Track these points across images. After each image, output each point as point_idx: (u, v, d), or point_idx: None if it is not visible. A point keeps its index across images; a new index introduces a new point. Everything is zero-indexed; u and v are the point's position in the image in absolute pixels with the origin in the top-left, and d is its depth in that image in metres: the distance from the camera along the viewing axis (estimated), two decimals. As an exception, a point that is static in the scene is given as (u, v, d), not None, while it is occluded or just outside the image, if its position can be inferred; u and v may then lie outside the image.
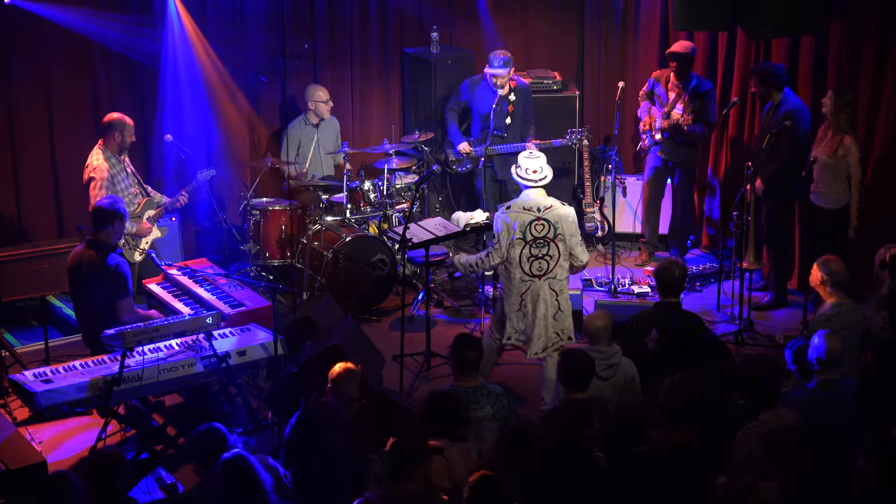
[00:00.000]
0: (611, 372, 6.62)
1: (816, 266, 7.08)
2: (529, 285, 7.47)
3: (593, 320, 6.78)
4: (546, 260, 7.45)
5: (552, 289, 7.50)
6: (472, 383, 6.21)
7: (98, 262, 7.24)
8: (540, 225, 7.42)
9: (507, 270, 7.52)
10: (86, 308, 7.39)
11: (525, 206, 7.47)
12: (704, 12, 8.78)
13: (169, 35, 9.66)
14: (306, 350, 7.26)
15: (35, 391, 6.45)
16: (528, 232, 7.41)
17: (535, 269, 7.45)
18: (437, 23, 10.92)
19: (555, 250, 7.45)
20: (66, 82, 9.48)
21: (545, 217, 7.44)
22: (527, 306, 7.49)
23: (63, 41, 9.38)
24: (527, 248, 7.42)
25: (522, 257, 7.42)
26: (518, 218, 7.43)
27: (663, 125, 9.79)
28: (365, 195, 9.74)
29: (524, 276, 7.45)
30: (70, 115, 9.51)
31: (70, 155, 9.32)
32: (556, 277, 7.50)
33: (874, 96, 8.84)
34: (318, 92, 10.07)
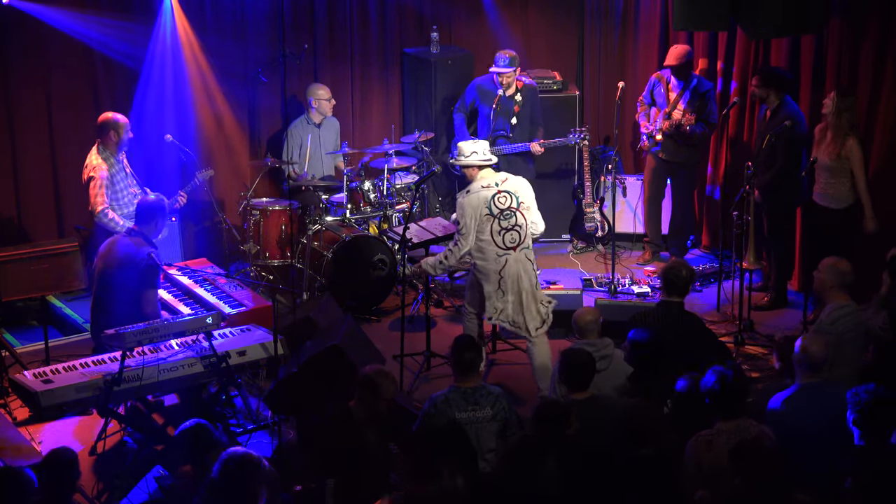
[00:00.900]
0: (605, 363, 6.65)
1: (824, 270, 7.03)
2: (506, 259, 7.58)
3: (583, 315, 6.87)
4: (517, 230, 7.60)
5: (528, 258, 7.67)
6: (472, 384, 6.21)
7: (134, 251, 7.35)
8: (502, 197, 7.62)
9: (482, 251, 7.61)
10: (106, 297, 7.43)
11: (483, 185, 7.65)
12: (704, 12, 8.77)
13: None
14: (306, 350, 7.26)
15: (35, 391, 6.45)
16: (493, 205, 7.57)
17: (509, 241, 7.58)
18: (437, 23, 10.93)
19: (521, 219, 7.63)
20: (67, 82, 9.48)
21: (504, 188, 7.64)
22: (506, 283, 7.59)
23: (63, 41, 9.38)
24: (496, 223, 7.57)
25: (493, 232, 7.57)
26: (480, 195, 7.60)
27: (664, 126, 9.79)
28: (365, 195, 9.74)
29: (499, 251, 7.57)
30: (70, 115, 9.51)
31: (70, 155, 9.32)
32: (528, 247, 7.68)
33: (874, 96, 8.84)
34: (319, 90, 10.07)
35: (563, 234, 10.83)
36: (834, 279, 6.95)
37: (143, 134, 9.60)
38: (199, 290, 8.13)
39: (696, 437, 5.54)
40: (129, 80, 9.77)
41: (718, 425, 5.57)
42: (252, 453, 5.09)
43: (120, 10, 9.60)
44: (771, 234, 9.18)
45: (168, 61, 9.74)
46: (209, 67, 10.01)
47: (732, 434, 5.48)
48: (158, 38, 9.66)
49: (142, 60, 9.71)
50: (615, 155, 9.93)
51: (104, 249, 7.56)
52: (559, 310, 8.42)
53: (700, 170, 10.47)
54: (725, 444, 5.43)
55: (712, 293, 9.48)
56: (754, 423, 5.64)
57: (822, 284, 7.03)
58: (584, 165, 10.31)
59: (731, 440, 5.43)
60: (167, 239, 9.54)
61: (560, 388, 6.38)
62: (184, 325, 6.91)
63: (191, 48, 9.83)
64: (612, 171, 9.90)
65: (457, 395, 6.14)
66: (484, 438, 6.10)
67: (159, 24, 9.64)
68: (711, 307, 9.33)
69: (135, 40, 9.65)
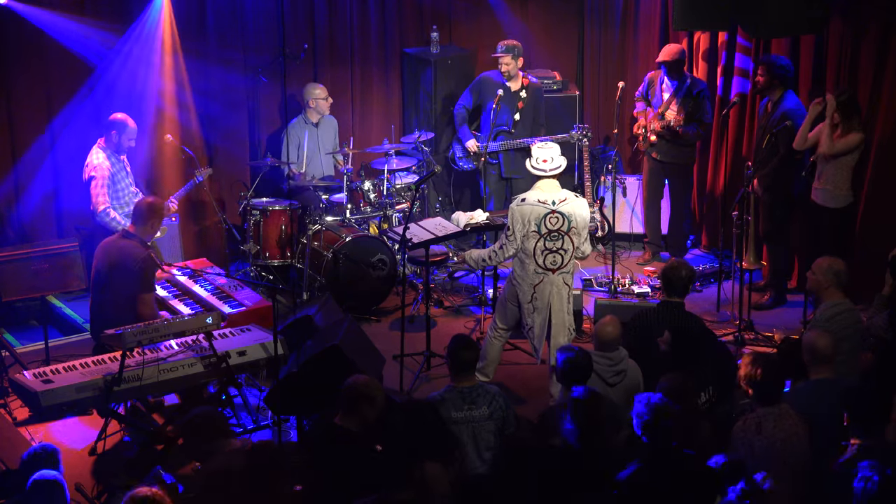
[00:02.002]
0: (619, 378, 6.60)
1: (819, 269, 7.05)
2: (543, 278, 7.48)
3: (605, 327, 6.70)
4: (560, 254, 7.45)
5: (565, 283, 7.55)
6: (469, 383, 6.21)
7: (127, 254, 7.32)
8: (555, 218, 7.42)
9: (521, 262, 7.53)
10: (103, 297, 7.42)
11: (540, 199, 7.45)
12: (704, 12, 8.79)
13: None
14: (306, 350, 7.26)
15: (35, 391, 6.45)
16: (542, 225, 7.41)
17: (549, 263, 7.46)
18: (436, 22, 10.93)
19: (569, 244, 7.46)
20: (66, 82, 9.47)
21: (560, 210, 7.44)
22: (538, 300, 7.51)
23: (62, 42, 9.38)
24: (541, 242, 7.42)
25: (537, 250, 7.43)
26: (533, 211, 7.42)
27: (657, 126, 9.80)
28: (365, 195, 9.73)
29: (538, 269, 7.47)
30: (70, 115, 9.50)
31: (70, 155, 9.30)
32: (569, 272, 7.56)
33: (874, 96, 8.84)
34: (316, 90, 10.07)
35: (563, 234, 10.82)
36: (829, 279, 6.96)
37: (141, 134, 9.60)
38: (199, 290, 8.12)
39: (743, 421, 5.62)
40: (130, 80, 9.76)
41: (760, 410, 5.66)
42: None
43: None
44: (769, 229, 9.16)
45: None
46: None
47: (777, 418, 5.59)
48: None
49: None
50: (615, 155, 9.93)
51: (99, 251, 7.55)
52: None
53: (699, 169, 10.48)
54: (773, 427, 5.56)
55: (712, 293, 9.48)
56: (789, 407, 5.73)
57: (818, 285, 7.05)
58: (584, 165, 10.30)
59: (778, 423, 5.57)
60: (167, 239, 9.55)
61: (556, 387, 6.41)
62: (184, 325, 6.91)
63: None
64: (612, 171, 9.91)
65: (453, 395, 6.15)
66: (481, 438, 6.10)
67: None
68: (711, 307, 9.33)
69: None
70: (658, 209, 10.33)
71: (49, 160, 9.48)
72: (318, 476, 5.78)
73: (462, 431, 6.09)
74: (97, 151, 8.58)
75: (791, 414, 5.68)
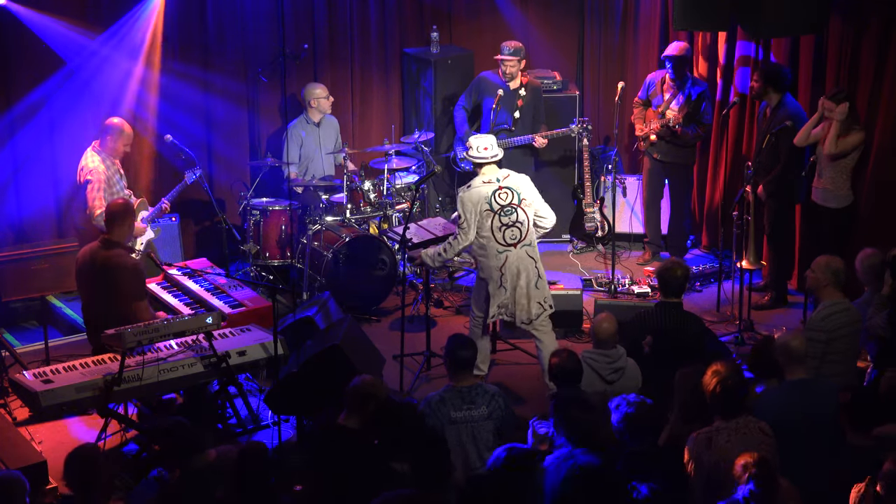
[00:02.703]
0: (616, 376, 6.62)
1: (818, 267, 7.06)
2: (506, 255, 7.58)
3: (601, 324, 6.75)
4: (518, 227, 7.58)
5: (530, 256, 7.64)
6: (468, 383, 6.22)
7: (116, 263, 7.26)
8: (503, 193, 7.60)
9: (484, 248, 7.61)
10: (94, 305, 7.39)
11: (484, 181, 7.64)
12: (704, 12, 8.79)
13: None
14: (306, 350, 7.26)
15: (35, 391, 6.45)
16: (493, 201, 7.56)
17: (509, 238, 7.58)
18: (436, 23, 10.92)
19: (523, 216, 7.61)
20: (66, 81, 9.45)
21: (505, 185, 7.62)
22: (505, 279, 7.59)
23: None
24: (496, 218, 7.56)
25: (494, 229, 7.56)
26: (480, 191, 7.58)
27: (656, 126, 9.80)
28: (365, 195, 9.73)
29: (500, 248, 7.57)
30: (70, 115, 9.49)
31: (70, 155, 9.29)
32: (531, 244, 7.66)
33: (874, 96, 8.83)
34: (316, 90, 10.06)
35: (563, 234, 10.83)
36: (828, 278, 6.98)
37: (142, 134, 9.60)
38: (199, 290, 8.12)
39: (696, 434, 5.56)
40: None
41: (717, 423, 5.59)
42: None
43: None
44: (772, 230, 9.17)
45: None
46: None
47: (733, 432, 5.51)
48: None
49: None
50: (615, 155, 9.93)
51: (85, 260, 7.40)
52: (559, 310, 8.43)
53: (699, 169, 10.48)
54: (726, 441, 5.46)
55: (712, 293, 9.48)
56: (754, 419, 5.65)
57: (817, 283, 7.07)
58: (584, 165, 10.31)
59: (732, 438, 5.46)
60: (167, 239, 9.56)
61: (551, 385, 6.43)
62: (184, 325, 6.91)
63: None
64: (612, 171, 9.90)
65: (452, 395, 6.15)
66: (480, 437, 6.10)
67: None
68: (711, 307, 9.33)
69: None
70: (658, 209, 10.33)
71: (49, 159, 9.45)
72: (319, 476, 5.79)
73: (461, 431, 6.09)
74: (92, 155, 8.57)
75: (750, 428, 5.58)
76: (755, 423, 5.62)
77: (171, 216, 9.65)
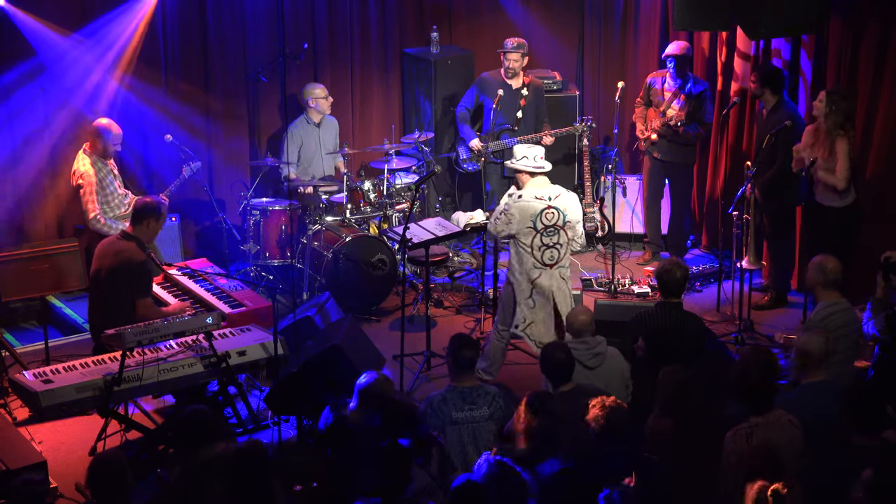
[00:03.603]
0: (597, 361, 6.67)
1: (811, 266, 7.08)
2: (540, 273, 7.59)
3: (577, 315, 6.92)
4: (557, 249, 7.59)
5: (562, 277, 7.67)
6: (470, 383, 6.22)
7: (125, 256, 7.31)
8: (550, 213, 7.57)
9: (520, 259, 7.61)
10: (102, 300, 7.41)
11: (536, 195, 7.59)
12: (704, 12, 8.79)
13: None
14: (306, 350, 7.26)
15: (35, 391, 6.45)
16: (538, 221, 7.53)
17: (547, 259, 7.59)
18: (437, 23, 10.93)
19: (564, 238, 7.62)
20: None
21: (555, 205, 7.59)
22: (538, 294, 7.62)
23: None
24: (538, 238, 7.53)
25: (534, 246, 7.54)
26: (529, 206, 7.55)
27: (657, 125, 9.80)
28: (365, 195, 9.73)
29: (536, 264, 7.57)
30: (69, 115, 9.49)
31: (70, 155, 9.29)
32: (565, 266, 7.68)
33: (873, 96, 8.83)
34: (315, 90, 10.06)
35: (563, 234, 10.83)
36: (818, 277, 6.98)
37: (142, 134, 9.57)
38: (199, 290, 8.12)
39: (734, 432, 5.58)
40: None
41: (753, 419, 5.61)
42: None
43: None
44: (771, 230, 9.17)
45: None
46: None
47: (770, 426, 5.55)
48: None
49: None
50: (615, 155, 9.93)
51: (98, 251, 7.53)
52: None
53: (699, 169, 10.48)
54: (764, 435, 5.51)
55: (712, 293, 9.48)
56: (783, 412, 5.68)
57: (809, 282, 7.11)
58: (584, 165, 10.31)
59: (768, 432, 5.51)
60: (167, 239, 9.55)
61: (546, 383, 6.44)
62: (184, 325, 6.91)
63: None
64: (612, 171, 9.90)
65: (454, 395, 6.15)
66: (481, 438, 6.10)
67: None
68: (711, 307, 9.33)
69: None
70: (658, 209, 10.33)
71: (49, 160, 9.43)
72: (330, 471, 5.83)
73: (462, 432, 6.09)
74: (82, 158, 8.57)
75: (784, 420, 5.62)
76: (785, 417, 5.65)
77: (171, 216, 9.63)
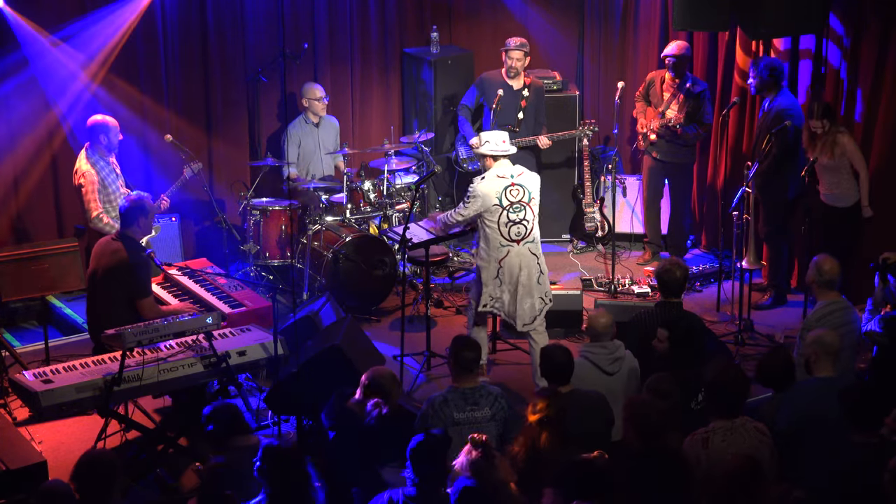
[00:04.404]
0: (616, 366, 6.66)
1: (811, 265, 7.10)
2: (508, 251, 7.67)
3: (597, 318, 6.80)
4: (524, 224, 7.67)
5: (532, 252, 7.73)
6: (471, 384, 6.21)
7: (121, 256, 7.31)
8: (515, 189, 7.68)
9: (486, 237, 7.70)
10: (99, 300, 7.41)
11: (498, 174, 7.72)
12: (704, 12, 8.79)
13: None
14: (306, 350, 7.26)
15: (35, 391, 6.45)
16: (504, 197, 7.63)
17: (514, 234, 7.67)
18: (436, 23, 10.92)
19: (530, 213, 7.71)
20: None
21: (518, 182, 7.71)
22: (504, 273, 7.68)
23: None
24: (504, 214, 7.64)
25: (501, 223, 7.64)
26: (493, 184, 7.66)
27: (656, 126, 9.80)
28: (365, 195, 9.73)
29: (503, 241, 7.66)
30: (69, 115, 9.48)
31: (70, 155, 9.29)
32: (534, 241, 7.75)
33: (874, 96, 8.83)
34: (310, 90, 10.05)
35: (563, 234, 10.84)
36: (814, 276, 7.02)
37: (144, 133, 9.54)
38: (199, 290, 8.11)
39: (692, 436, 5.58)
40: (131, 77, 9.76)
41: (714, 424, 5.60)
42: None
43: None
44: (768, 229, 9.16)
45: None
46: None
47: (728, 431, 5.54)
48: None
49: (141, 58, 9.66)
50: (615, 155, 9.93)
51: (94, 252, 7.53)
52: (559, 309, 8.43)
53: (699, 169, 10.48)
54: (721, 441, 5.51)
55: (712, 293, 9.48)
56: (750, 419, 5.67)
57: (808, 280, 7.13)
58: (584, 165, 10.31)
59: (727, 437, 5.50)
60: (167, 239, 9.55)
61: (542, 382, 6.44)
62: (184, 325, 6.90)
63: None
64: (612, 171, 9.90)
65: (455, 396, 6.14)
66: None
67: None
68: (711, 307, 9.33)
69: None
70: (658, 209, 10.32)
71: (49, 159, 9.43)
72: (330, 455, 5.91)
73: (464, 433, 6.07)
74: (84, 158, 8.55)
75: (748, 427, 5.60)
76: (751, 423, 5.63)
77: (171, 216, 9.64)
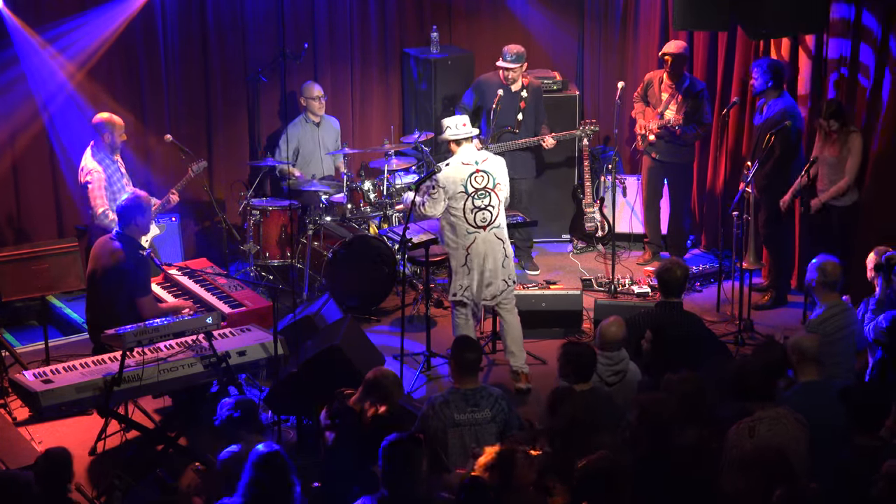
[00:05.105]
0: (617, 378, 6.60)
1: (810, 268, 7.09)
2: (475, 237, 7.73)
3: (608, 327, 6.65)
4: (489, 210, 7.74)
5: (498, 237, 7.81)
6: (472, 385, 6.21)
7: (119, 256, 7.31)
8: (480, 176, 7.74)
9: (453, 227, 7.75)
10: (98, 300, 7.40)
11: (463, 161, 7.76)
12: (704, 12, 8.78)
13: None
14: (306, 350, 7.26)
15: (35, 391, 6.45)
16: (469, 184, 7.69)
17: (480, 221, 7.73)
18: (436, 23, 10.92)
19: (495, 199, 7.77)
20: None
21: (483, 168, 7.76)
22: (472, 260, 7.75)
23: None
24: (469, 200, 7.71)
25: (466, 209, 7.71)
26: (457, 172, 7.70)
27: (655, 128, 9.80)
28: (365, 195, 9.73)
29: (469, 228, 7.73)
30: (70, 115, 9.48)
31: (70, 154, 9.30)
32: (499, 226, 7.81)
33: (874, 97, 8.83)
34: (309, 89, 10.05)
35: (563, 234, 10.84)
36: (818, 278, 6.98)
37: (144, 133, 9.54)
38: (199, 290, 8.12)
39: (737, 425, 5.59)
40: (131, 77, 9.76)
41: (758, 413, 5.62)
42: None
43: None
44: (768, 229, 9.16)
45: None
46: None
47: (774, 422, 5.57)
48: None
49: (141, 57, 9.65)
50: (615, 155, 9.93)
51: (92, 252, 7.53)
52: (558, 310, 8.43)
53: (699, 169, 10.48)
54: (767, 430, 5.53)
55: (712, 293, 9.48)
56: (790, 410, 5.69)
57: (810, 283, 7.09)
58: (584, 165, 10.31)
59: (773, 427, 5.54)
60: (167, 239, 9.55)
61: (562, 382, 6.37)
62: (184, 325, 6.90)
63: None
64: (612, 171, 9.90)
65: (456, 397, 6.14)
66: (484, 440, 6.08)
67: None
68: (711, 307, 9.33)
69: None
70: (658, 209, 10.33)
71: (49, 159, 9.43)
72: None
73: (465, 434, 6.08)
74: (90, 155, 8.55)
75: (789, 418, 5.64)
76: (792, 414, 5.67)
77: (171, 216, 9.64)
